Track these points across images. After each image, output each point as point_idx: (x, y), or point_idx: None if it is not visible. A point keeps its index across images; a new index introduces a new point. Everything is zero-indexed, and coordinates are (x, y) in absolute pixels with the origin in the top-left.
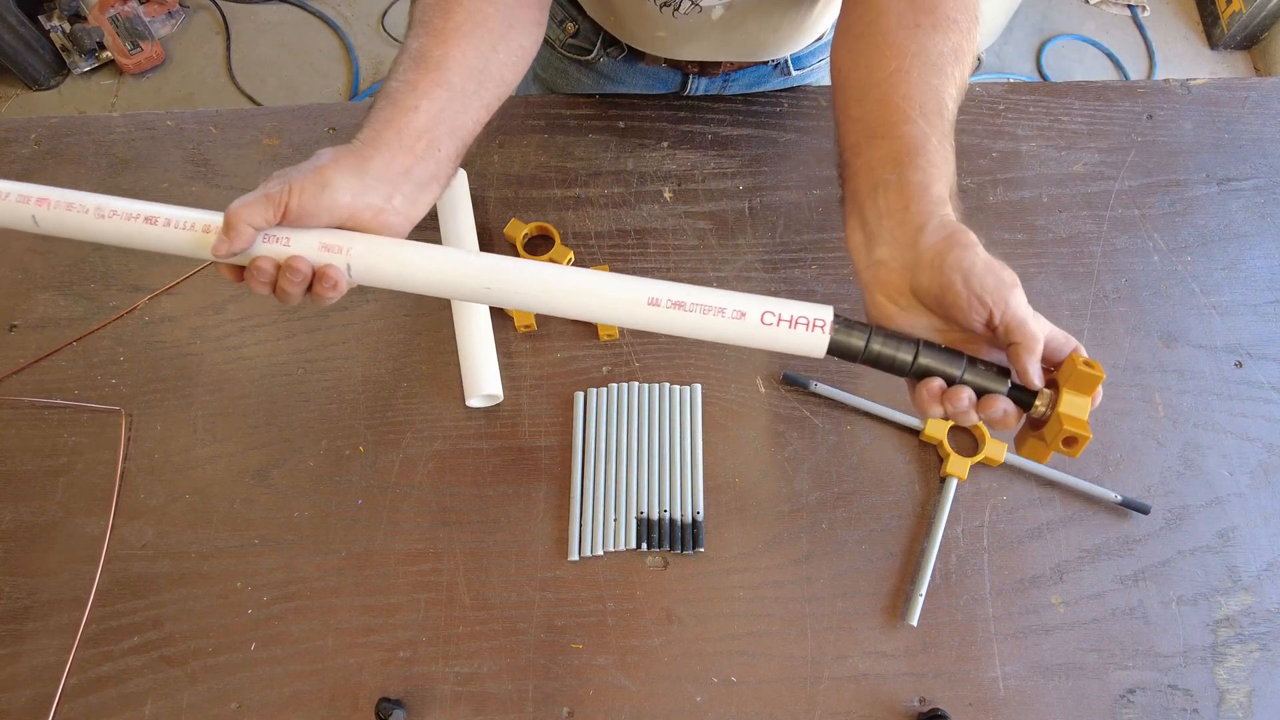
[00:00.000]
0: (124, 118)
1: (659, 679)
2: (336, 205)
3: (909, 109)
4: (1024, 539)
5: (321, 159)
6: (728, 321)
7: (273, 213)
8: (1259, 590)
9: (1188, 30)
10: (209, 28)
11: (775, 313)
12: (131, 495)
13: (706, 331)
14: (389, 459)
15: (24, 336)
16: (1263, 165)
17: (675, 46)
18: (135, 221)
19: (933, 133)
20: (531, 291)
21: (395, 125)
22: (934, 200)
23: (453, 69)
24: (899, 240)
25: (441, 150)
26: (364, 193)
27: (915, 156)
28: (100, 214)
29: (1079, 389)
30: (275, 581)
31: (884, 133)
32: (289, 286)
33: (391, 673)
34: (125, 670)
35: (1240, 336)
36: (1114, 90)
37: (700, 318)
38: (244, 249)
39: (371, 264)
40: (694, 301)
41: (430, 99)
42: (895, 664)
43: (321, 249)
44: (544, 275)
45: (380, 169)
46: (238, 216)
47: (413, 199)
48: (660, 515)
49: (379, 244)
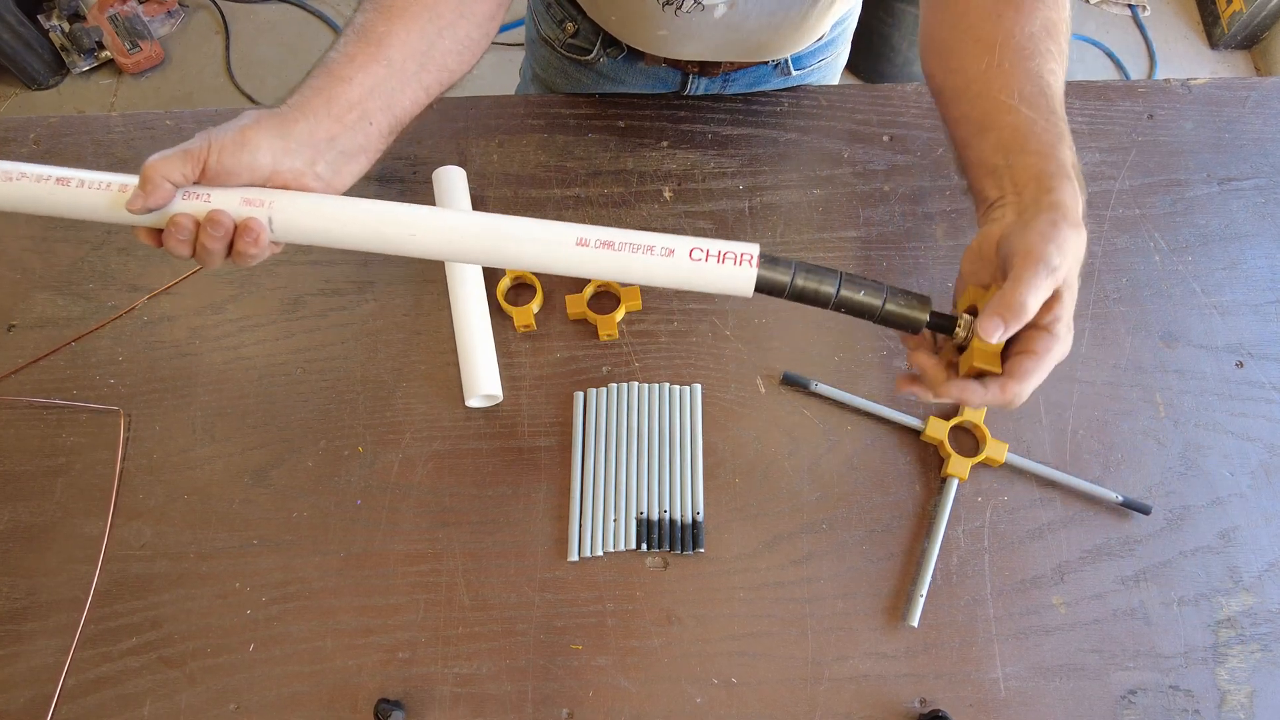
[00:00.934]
0: (123, 117)
1: (659, 680)
2: (257, 165)
3: (1008, 99)
4: (1025, 539)
5: (245, 119)
6: (656, 260)
7: (191, 168)
8: (1260, 591)
9: (1188, 30)
10: (208, 27)
11: (703, 249)
12: (130, 495)
13: (636, 271)
14: (388, 459)
15: (22, 336)
16: (1263, 165)
17: (676, 46)
18: (46, 183)
19: (1038, 116)
20: (454, 240)
21: (326, 93)
22: (1053, 178)
23: (394, 46)
24: (1009, 217)
25: (373, 124)
26: (285, 155)
27: (1026, 142)
28: (8, 177)
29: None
30: (274, 582)
31: (989, 124)
32: (210, 243)
33: (390, 674)
34: (124, 671)
35: (1241, 336)
36: (1114, 90)
37: (630, 256)
38: (161, 204)
39: (295, 218)
40: (623, 241)
41: (366, 72)
42: (896, 665)
43: (243, 204)
44: (467, 223)
45: (304, 134)
46: (155, 170)
47: (336, 168)
48: (660, 515)
49: (302, 198)
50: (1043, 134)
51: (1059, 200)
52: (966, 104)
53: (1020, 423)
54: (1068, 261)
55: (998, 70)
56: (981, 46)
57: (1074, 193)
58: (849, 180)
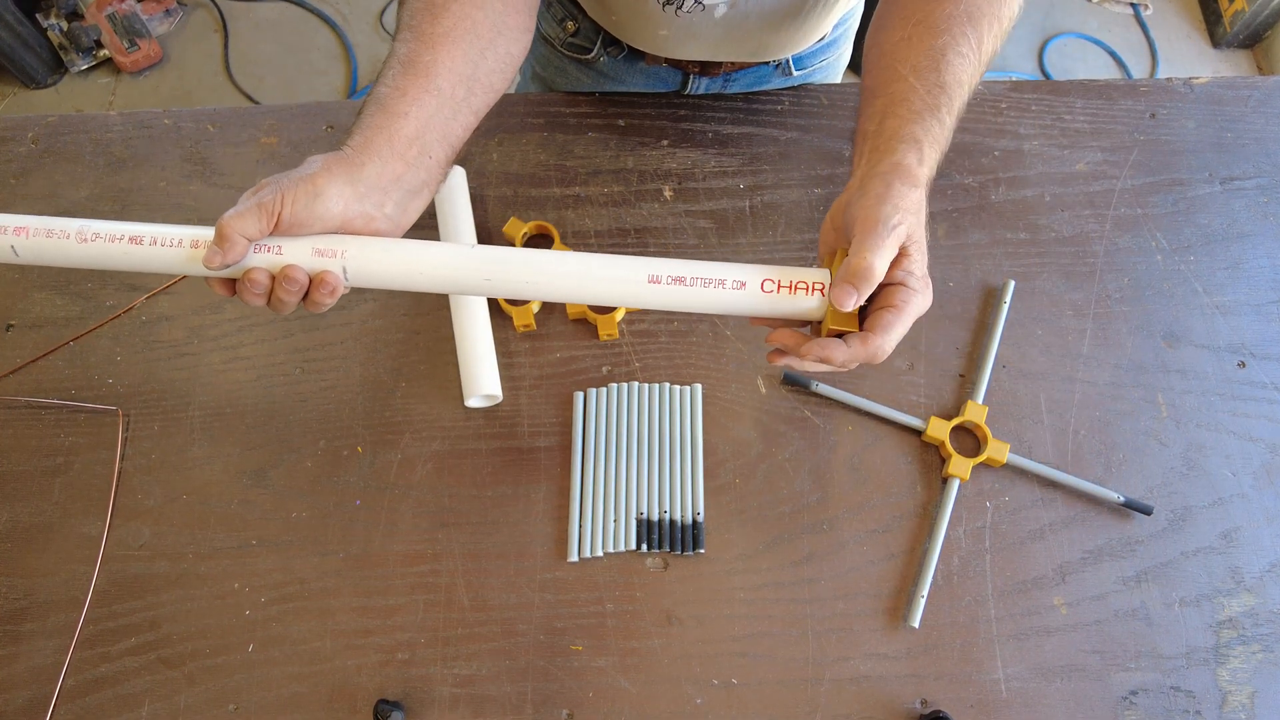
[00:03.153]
0: (121, 116)
1: (659, 681)
2: (329, 214)
3: (902, 68)
4: (1026, 540)
5: (313, 166)
6: (729, 293)
7: (266, 222)
8: (1262, 591)
9: (1190, 29)
10: (207, 26)
11: (775, 280)
12: (129, 496)
13: (709, 305)
14: (387, 459)
15: (20, 336)
16: (1265, 164)
17: (677, 46)
18: (120, 243)
19: (920, 85)
20: (531, 279)
21: (386, 131)
22: (901, 141)
23: (442, 75)
24: (853, 183)
25: (432, 157)
26: (357, 201)
27: (898, 107)
28: (82, 238)
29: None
30: (273, 583)
31: (878, 92)
32: (285, 296)
33: (390, 674)
34: (123, 671)
35: (1243, 336)
36: (1116, 89)
37: (702, 291)
38: (237, 261)
39: (368, 265)
40: (694, 275)
41: (420, 105)
42: (897, 665)
43: (315, 254)
44: (543, 262)
45: (373, 176)
46: (231, 227)
47: (403, 206)
48: (660, 516)
49: (373, 244)
50: (916, 102)
51: (898, 161)
52: (870, 74)
53: (1022, 423)
54: (908, 218)
55: (904, 43)
56: (902, 21)
57: (917, 155)
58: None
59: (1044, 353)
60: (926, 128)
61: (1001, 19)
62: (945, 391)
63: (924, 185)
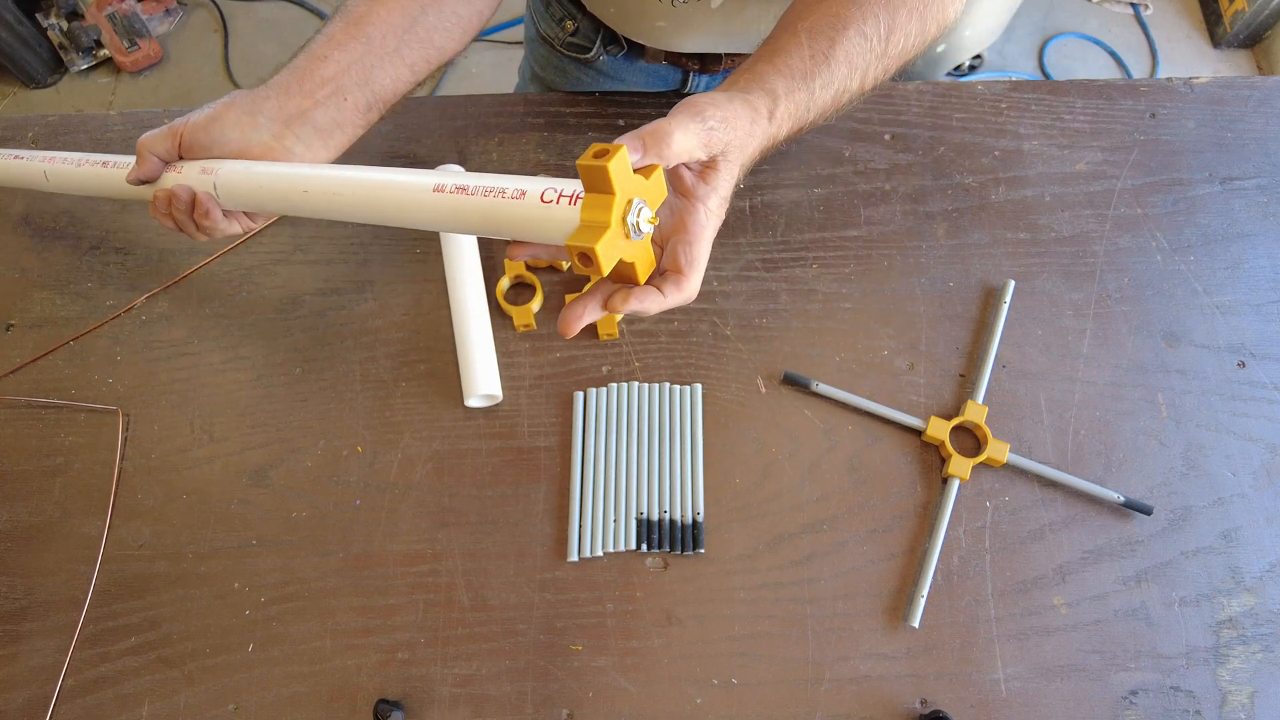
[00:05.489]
0: (121, 116)
1: (659, 681)
2: (226, 139)
3: (800, 25)
4: (1026, 540)
5: (225, 99)
6: (508, 203)
7: (171, 142)
8: (1262, 591)
9: (1190, 29)
10: (207, 25)
11: (557, 189)
12: (129, 495)
13: (490, 216)
14: (387, 459)
15: (20, 336)
16: (1266, 164)
17: (674, 37)
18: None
19: (809, 47)
20: (335, 189)
21: (300, 71)
22: (761, 86)
23: (374, 24)
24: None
25: (348, 99)
26: (253, 130)
27: (776, 57)
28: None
29: (592, 187)
30: (273, 582)
31: (773, 45)
32: (175, 214)
33: (390, 674)
34: (123, 671)
35: (1243, 336)
36: (1116, 89)
37: (481, 200)
38: (150, 176)
39: (232, 180)
40: (477, 185)
41: (343, 50)
42: (897, 665)
43: (201, 173)
44: (346, 175)
45: (272, 109)
46: (143, 145)
47: (308, 142)
48: (660, 516)
49: (241, 165)
50: (796, 61)
51: (749, 98)
52: (776, 29)
53: (1022, 423)
54: (732, 135)
55: (816, 5)
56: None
57: (769, 104)
58: (850, 179)
59: (1044, 353)
60: (790, 88)
61: (925, 19)
62: (945, 391)
63: (762, 134)
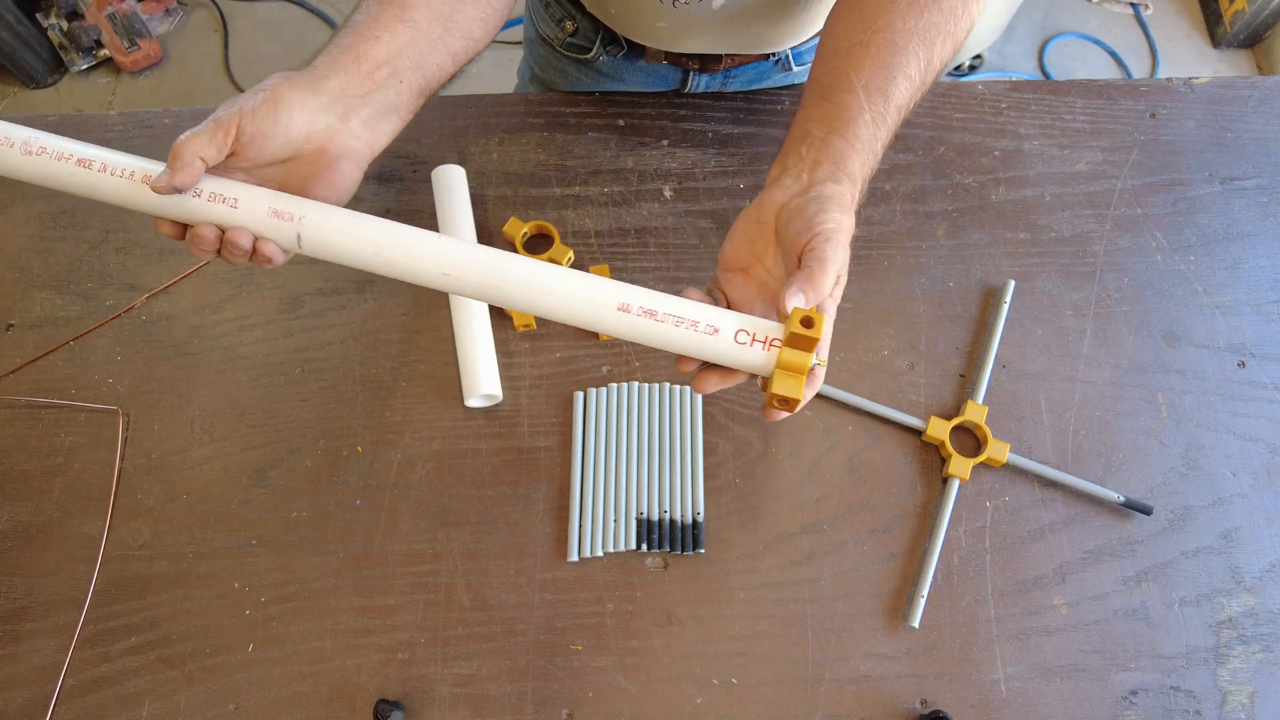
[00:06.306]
0: (121, 116)
1: (659, 681)
2: (293, 126)
3: (855, 81)
4: (1026, 540)
5: (273, 79)
6: (700, 337)
7: (223, 139)
8: (1262, 591)
9: (1190, 29)
10: (207, 25)
11: (750, 331)
12: (129, 495)
13: (675, 344)
14: (387, 459)
15: (21, 336)
16: (1265, 164)
17: (675, 38)
18: (67, 163)
19: (869, 108)
20: (491, 284)
21: (354, 51)
22: (845, 171)
23: (419, 8)
24: (795, 188)
25: (403, 83)
26: (320, 112)
27: (845, 126)
28: (27, 150)
29: (794, 345)
30: (273, 582)
31: (828, 96)
32: (231, 258)
33: (390, 674)
34: (123, 671)
35: (1243, 336)
36: (1117, 89)
37: (672, 329)
38: (189, 184)
39: (325, 233)
40: (666, 311)
41: (393, 33)
42: (897, 665)
43: (271, 215)
44: (507, 267)
45: (336, 88)
46: (186, 147)
47: (371, 125)
48: (660, 516)
49: (336, 214)
50: (862, 129)
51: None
52: (826, 69)
53: (1022, 423)
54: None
55: (863, 50)
56: (863, 24)
57: (853, 191)
58: None
59: (1044, 353)
60: (864, 162)
61: (957, 35)
62: (945, 391)
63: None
